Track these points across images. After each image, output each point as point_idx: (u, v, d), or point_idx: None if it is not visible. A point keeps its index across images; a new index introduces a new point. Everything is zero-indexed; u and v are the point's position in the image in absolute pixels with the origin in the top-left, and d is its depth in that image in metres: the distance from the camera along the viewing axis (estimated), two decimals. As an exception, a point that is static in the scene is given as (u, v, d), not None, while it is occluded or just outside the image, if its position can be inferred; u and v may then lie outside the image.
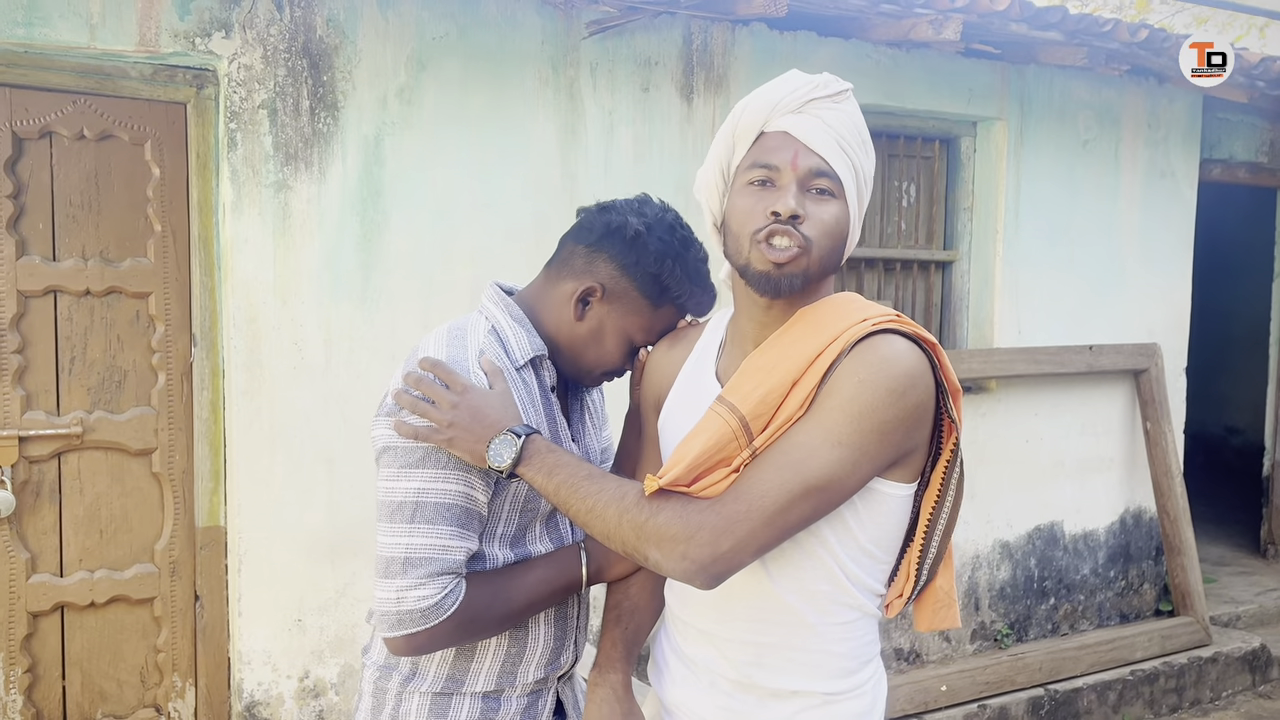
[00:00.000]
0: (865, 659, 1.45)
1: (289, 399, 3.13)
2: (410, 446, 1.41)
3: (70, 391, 3.02)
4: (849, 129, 1.35)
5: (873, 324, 1.33)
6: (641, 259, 1.52)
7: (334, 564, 3.22)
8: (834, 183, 1.33)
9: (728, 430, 1.32)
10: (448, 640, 1.43)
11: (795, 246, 1.31)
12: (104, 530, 3.09)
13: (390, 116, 3.21)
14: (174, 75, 3.04)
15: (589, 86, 3.51)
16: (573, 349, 1.56)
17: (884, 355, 1.29)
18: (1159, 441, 4.72)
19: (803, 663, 1.41)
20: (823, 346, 1.32)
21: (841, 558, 1.37)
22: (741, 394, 1.34)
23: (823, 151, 1.33)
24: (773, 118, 1.36)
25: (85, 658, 3.10)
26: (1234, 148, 5.23)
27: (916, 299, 4.45)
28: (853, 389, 1.28)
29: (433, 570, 1.40)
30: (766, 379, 1.33)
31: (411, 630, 1.40)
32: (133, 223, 3.06)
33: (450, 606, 1.41)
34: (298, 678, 3.21)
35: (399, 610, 1.39)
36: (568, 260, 1.56)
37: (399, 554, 1.40)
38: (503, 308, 1.55)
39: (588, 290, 1.53)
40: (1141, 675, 4.36)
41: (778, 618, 1.40)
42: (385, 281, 3.23)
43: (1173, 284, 4.90)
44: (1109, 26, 3.83)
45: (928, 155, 4.42)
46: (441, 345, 1.48)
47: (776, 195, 1.32)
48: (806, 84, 1.37)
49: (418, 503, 1.41)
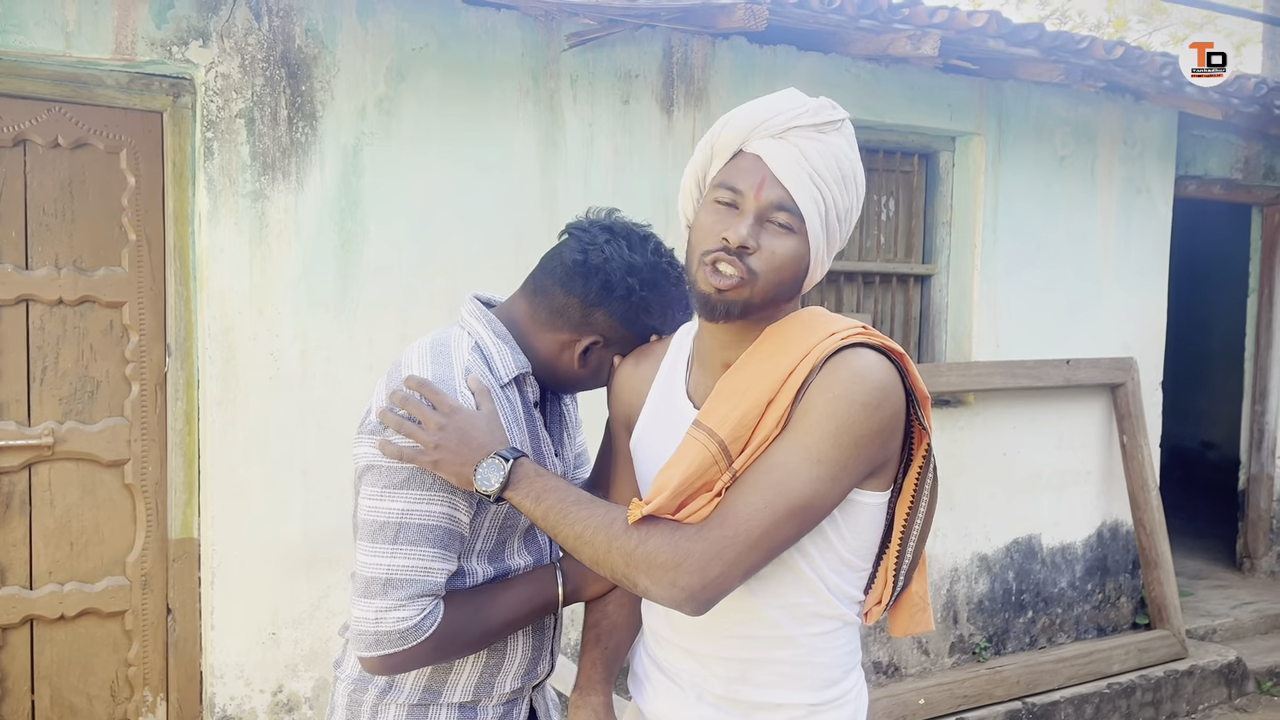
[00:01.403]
0: (848, 668, 1.46)
1: (265, 410, 3.11)
2: (395, 466, 1.40)
3: (42, 402, 2.99)
4: (827, 163, 1.31)
5: (841, 338, 1.32)
6: (643, 315, 1.53)
7: (309, 576, 3.19)
8: (794, 218, 1.30)
9: (708, 455, 1.31)
10: (424, 660, 1.42)
11: (738, 276, 1.30)
12: (75, 542, 3.05)
13: (369, 127, 3.20)
14: (150, 84, 3.02)
15: (569, 99, 3.51)
16: (569, 381, 1.58)
17: (856, 370, 1.29)
18: (1135, 455, 4.75)
19: (788, 675, 1.41)
20: (794, 364, 1.32)
21: (822, 569, 1.37)
22: (718, 418, 1.33)
23: (790, 184, 1.29)
24: (752, 138, 1.33)
25: (55, 672, 3.06)
26: (1209, 164, 5.29)
27: (895, 312, 4.47)
28: (828, 406, 1.28)
29: (413, 592, 1.39)
30: (741, 400, 1.32)
31: (389, 651, 1.39)
32: (107, 232, 3.03)
33: (429, 628, 1.40)
34: (271, 692, 3.18)
35: (377, 631, 1.38)
36: (562, 311, 1.52)
37: (380, 575, 1.39)
38: (485, 323, 1.52)
39: (591, 343, 1.53)
40: (1118, 688, 4.37)
41: (762, 632, 1.40)
42: (363, 292, 3.22)
43: (1149, 299, 4.94)
44: (1085, 44, 3.86)
45: (906, 170, 4.45)
46: (426, 361, 1.46)
47: (733, 221, 1.31)
48: (793, 109, 1.32)
49: (401, 524, 1.39)
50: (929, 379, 4.21)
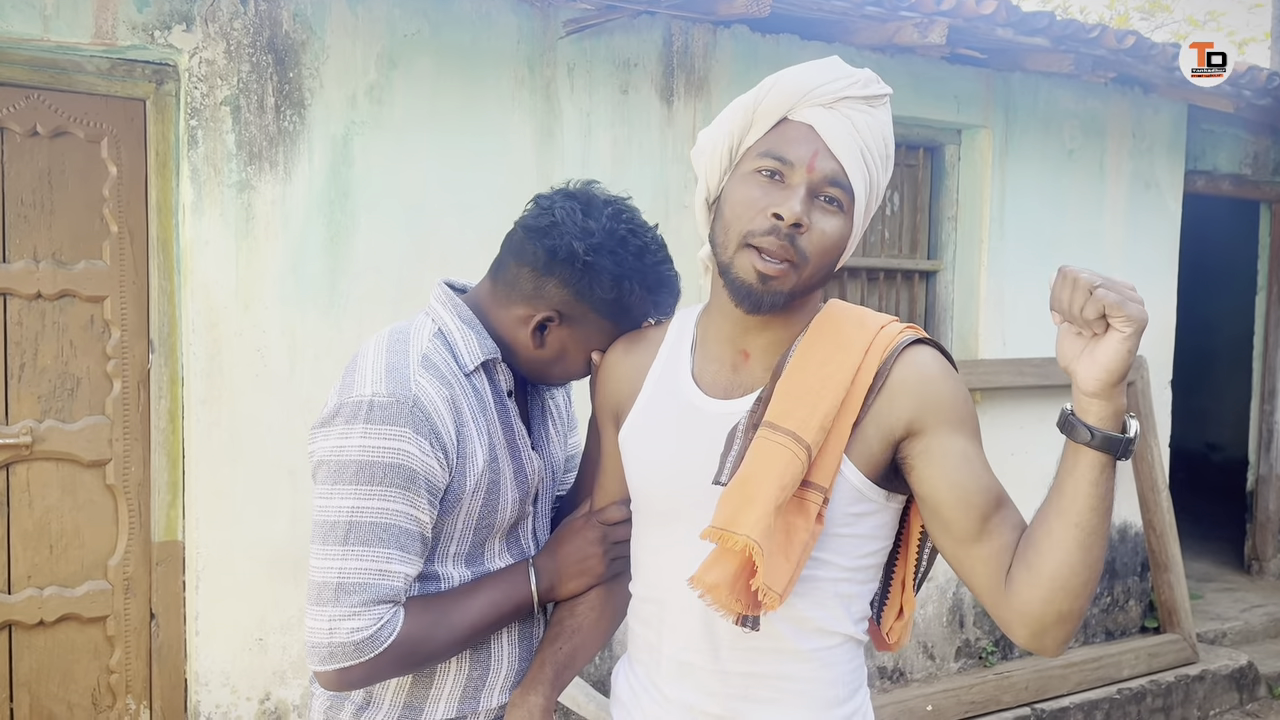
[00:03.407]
0: (854, 686, 1.35)
1: (251, 408, 3.00)
2: (344, 460, 1.29)
3: (19, 399, 2.88)
4: (876, 138, 1.23)
5: (899, 331, 1.28)
6: (596, 285, 1.38)
7: (297, 581, 3.09)
8: (846, 195, 1.22)
9: (797, 464, 1.19)
10: (384, 674, 1.32)
11: (788, 261, 1.20)
12: (54, 545, 2.95)
13: (359, 115, 3.10)
14: (132, 70, 2.92)
15: (566, 88, 3.41)
16: (533, 366, 1.46)
17: (946, 365, 1.27)
18: (1145, 456, 4.66)
19: (793, 692, 1.31)
20: (858, 362, 1.23)
21: (838, 579, 1.28)
22: (798, 420, 1.20)
23: (844, 158, 1.21)
24: (800, 106, 1.23)
25: (34, 679, 2.95)
26: (1218, 159, 5.20)
27: (900, 309, 4.37)
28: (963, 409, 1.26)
29: (367, 598, 1.28)
30: (820, 402, 1.21)
31: (344, 664, 1.28)
32: (88, 223, 2.93)
33: (386, 638, 1.29)
34: (258, 700, 3.07)
35: (330, 642, 1.27)
36: (514, 282, 1.42)
37: (331, 579, 1.28)
38: (451, 309, 1.42)
39: (544, 318, 1.40)
40: (1129, 694, 4.28)
41: (766, 644, 1.28)
42: (353, 286, 3.12)
43: (1158, 297, 4.84)
44: (1096, 32, 3.77)
45: (911, 163, 4.35)
46: (382, 352, 1.35)
47: (783, 195, 1.20)
48: (845, 78, 1.23)
49: (351, 522, 1.28)
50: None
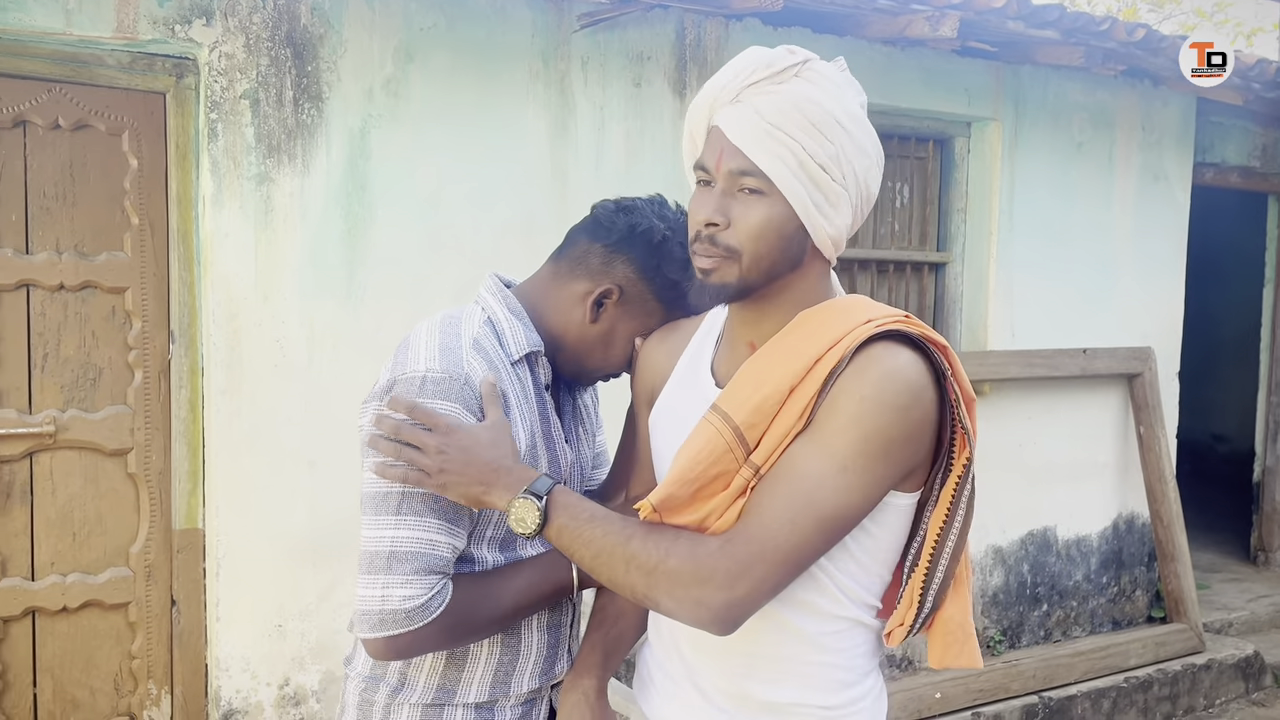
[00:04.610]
0: (863, 671, 1.36)
1: (270, 398, 3.04)
2: None
3: (43, 389, 2.92)
4: (785, 112, 1.21)
5: (876, 326, 1.23)
6: (664, 264, 1.47)
7: (316, 568, 3.13)
8: (760, 180, 1.22)
9: (720, 442, 1.23)
10: (431, 644, 1.36)
11: (717, 256, 1.25)
12: (77, 533, 2.99)
13: (376, 109, 3.13)
14: (153, 63, 2.95)
15: (580, 81, 3.44)
16: (579, 349, 1.51)
17: (887, 369, 1.20)
18: (1153, 446, 4.68)
19: (797, 673, 1.33)
20: (822, 351, 1.23)
21: (828, 567, 1.28)
22: (736, 401, 1.24)
23: (746, 146, 1.22)
24: (715, 112, 1.27)
25: (57, 665, 3.00)
26: (1226, 152, 5.21)
27: (909, 301, 4.39)
28: (856, 408, 1.19)
29: (419, 567, 1.33)
30: (762, 385, 1.24)
31: (395, 632, 1.32)
32: (109, 215, 2.96)
33: (436, 608, 1.34)
34: (278, 685, 3.12)
35: (382, 610, 1.32)
36: (582, 259, 1.49)
37: (384, 548, 1.33)
38: (500, 299, 1.49)
39: (604, 292, 1.47)
40: (1135, 683, 4.31)
41: (767, 625, 1.30)
42: (370, 277, 3.15)
43: (1166, 288, 4.87)
44: (1106, 25, 3.79)
45: (921, 156, 4.37)
46: (434, 334, 1.41)
47: (701, 201, 1.27)
48: (746, 69, 1.25)
49: (404, 493, 1.34)
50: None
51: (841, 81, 1.27)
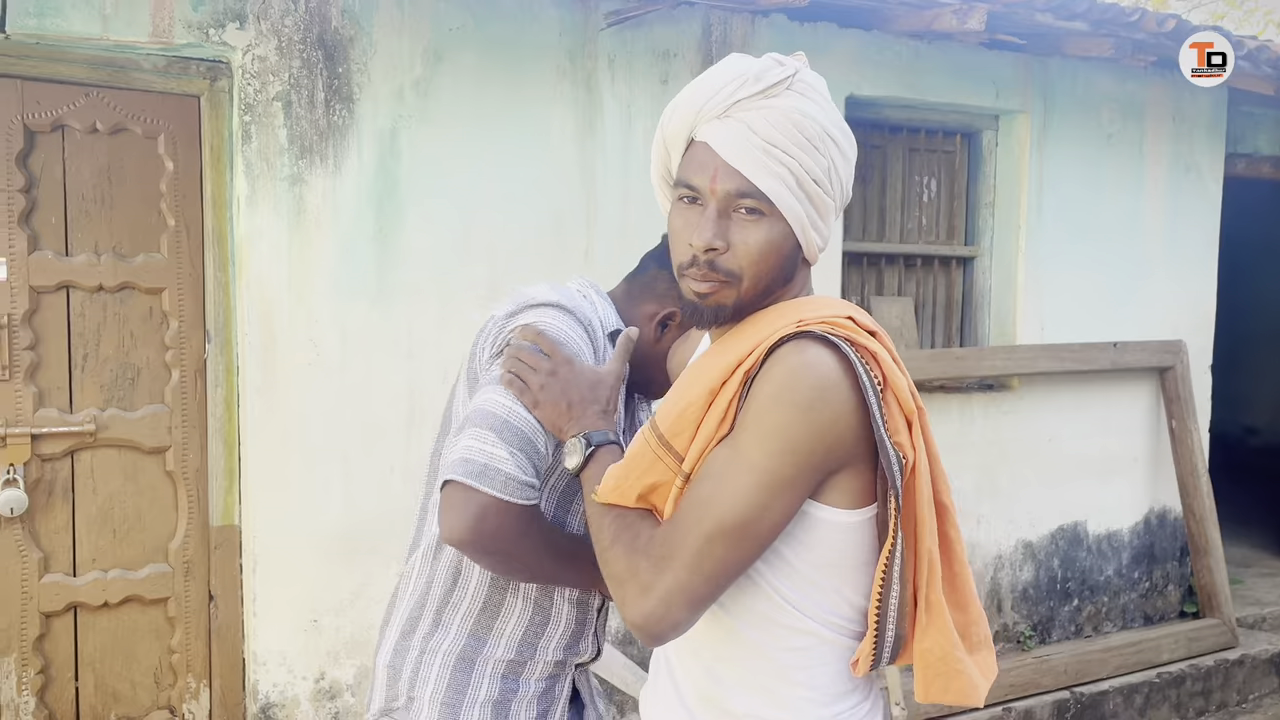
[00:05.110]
0: (837, 694, 1.27)
1: (304, 396, 3.08)
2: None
3: (83, 389, 2.97)
4: (781, 129, 1.18)
5: (796, 325, 1.17)
6: None
7: (350, 564, 3.17)
8: (760, 201, 1.18)
9: (647, 451, 1.22)
10: (502, 533, 1.35)
11: (716, 281, 1.21)
12: (117, 529, 3.05)
13: (406, 109, 3.16)
14: (187, 67, 2.99)
15: (607, 79, 3.45)
16: (645, 364, 1.63)
17: (791, 367, 1.14)
18: (1185, 440, 4.64)
19: (760, 687, 1.26)
20: (744, 354, 1.19)
21: (773, 580, 1.23)
22: (664, 410, 1.24)
23: (744, 167, 1.18)
24: (698, 124, 1.22)
25: (98, 659, 3.06)
26: (1258, 142, 5.15)
27: (937, 295, 4.38)
28: (758, 406, 1.15)
29: (526, 450, 1.40)
30: (687, 392, 1.23)
31: (486, 488, 1.33)
32: (146, 217, 3.01)
33: (525, 499, 1.38)
34: (313, 679, 3.16)
35: (487, 464, 1.35)
36: (651, 283, 1.63)
37: (501, 416, 1.40)
38: (591, 286, 1.64)
39: (669, 314, 1.61)
40: (1168, 678, 4.29)
41: (723, 634, 1.28)
42: (401, 277, 3.18)
43: (1198, 280, 4.82)
44: (1136, 16, 3.76)
45: (949, 149, 4.36)
46: (546, 287, 1.55)
47: (696, 223, 1.21)
48: (733, 82, 1.20)
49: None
50: (973, 363, 4.12)
51: (823, 87, 1.25)
